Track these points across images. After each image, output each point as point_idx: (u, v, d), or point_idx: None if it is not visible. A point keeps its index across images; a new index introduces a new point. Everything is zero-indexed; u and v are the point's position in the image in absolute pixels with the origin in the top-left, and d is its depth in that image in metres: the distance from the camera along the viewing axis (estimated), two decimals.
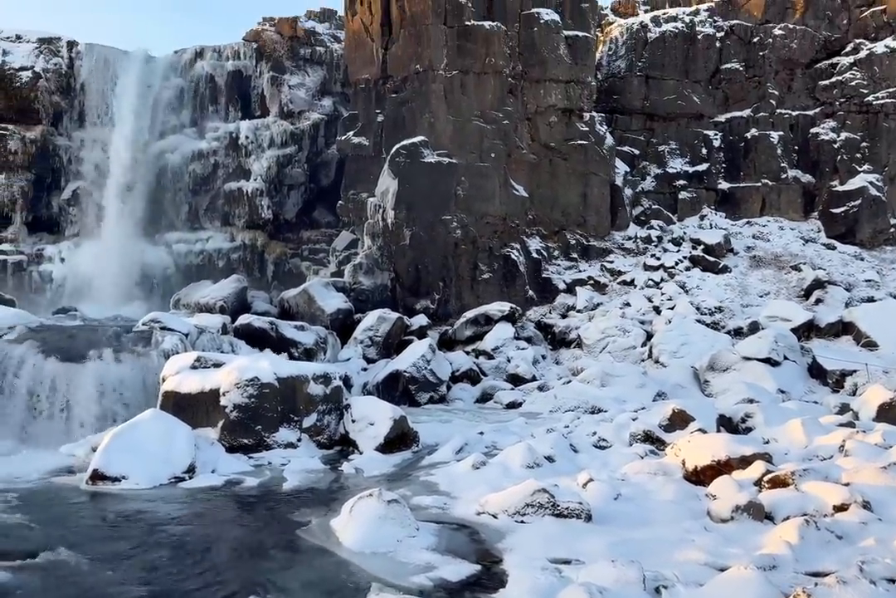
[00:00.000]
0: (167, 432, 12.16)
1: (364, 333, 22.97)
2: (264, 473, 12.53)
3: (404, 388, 20.49)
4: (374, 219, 26.90)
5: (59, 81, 29.46)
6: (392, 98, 27.59)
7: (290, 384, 14.21)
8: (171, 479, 11.65)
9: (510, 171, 27.98)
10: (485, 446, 14.14)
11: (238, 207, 30.35)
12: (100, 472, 11.37)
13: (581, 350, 24.77)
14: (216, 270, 29.58)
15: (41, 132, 29.17)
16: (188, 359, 14.62)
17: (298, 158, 30.99)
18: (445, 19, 26.70)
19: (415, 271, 26.38)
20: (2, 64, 28.68)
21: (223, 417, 13.59)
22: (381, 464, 13.22)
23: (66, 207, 29.72)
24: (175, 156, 30.34)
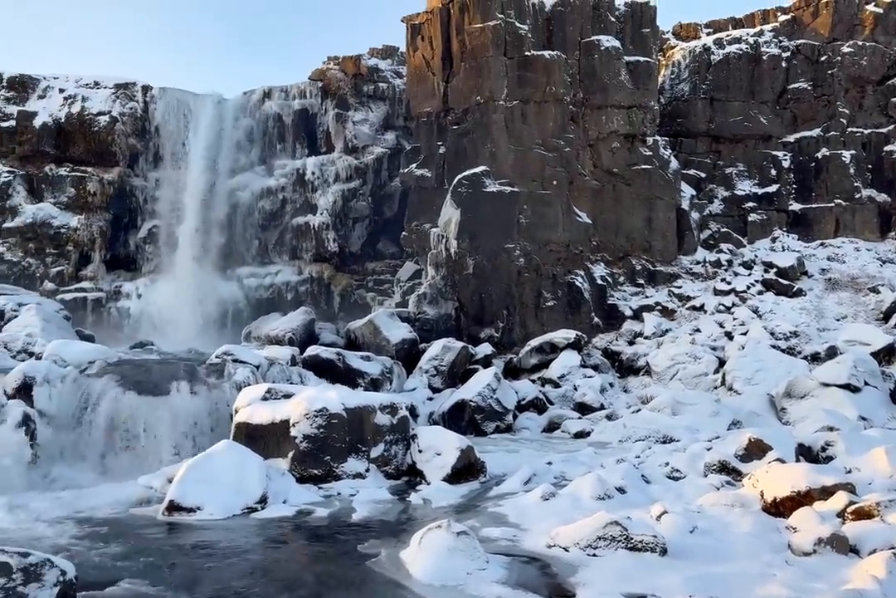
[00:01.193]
0: (240, 463, 12.37)
1: (429, 362, 23.05)
2: (334, 503, 12.60)
3: (470, 417, 20.40)
4: (438, 249, 27.14)
5: (135, 124, 30.87)
6: (453, 130, 27.97)
7: (357, 415, 14.32)
8: (245, 509, 11.82)
9: (573, 198, 27.93)
10: (553, 477, 13.92)
11: (305, 241, 31.05)
12: (176, 503, 11.63)
13: (650, 378, 24.28)
14: (285, 302, 30.22)
15: (118, 174, 30.54)
16: (259, 391, 14.91)
17: (363, 191, 31.62)
18: (505, 51, 27.06)
19: (479, 300, 26.42)
20: (81, 110, 30.25)
21: (293, 447, 13.77)
22: (448, 495, 13.15)
23: (143, 245, 30.91)
24: (245, 193, 31.32)
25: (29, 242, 29.76)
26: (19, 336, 20.28)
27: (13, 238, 29.58)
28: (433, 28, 28.55)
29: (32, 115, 30.14)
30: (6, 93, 30.47)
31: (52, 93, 30.82)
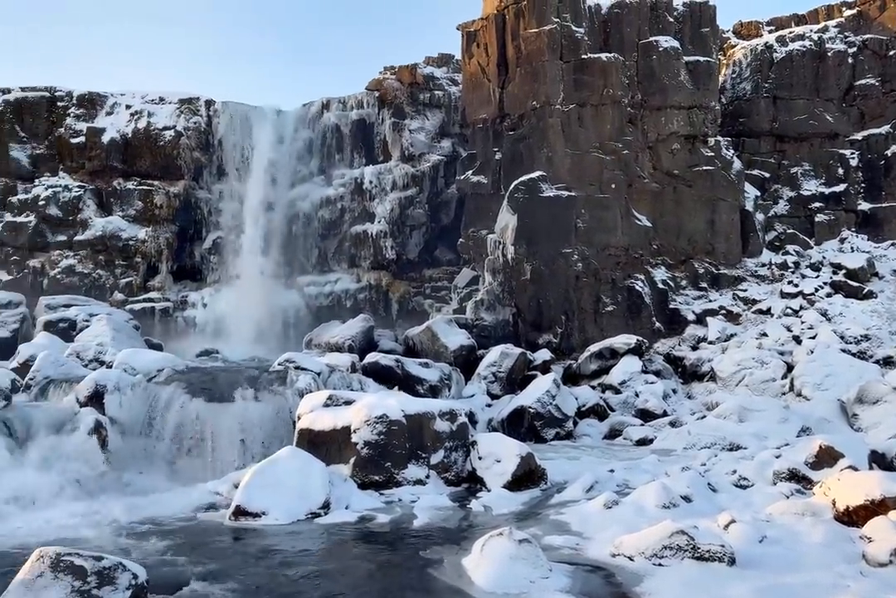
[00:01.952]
0: (303, 469, 12.54)
1: (487, 369, 23.00)
2: (395, 510, 12.67)
3: (529, 424, 20.27)
4: (495, 255, 27.11)
5: (199, 138, 31.70)
6: (509, 135, 27.94)
7: (417, 421, 14.39)
8: (308, 515, 11.98)
9: (632, 201, 27.58)
10: (616, 485, 13.72)
11: (363, 249, 31.38)
12: (242, 508, 11.86)
13: (715, 384, 23.74)
14: (344, 310, 30.55)
15: (183, 187, 31.41)
16: (321, 397, 15.10)
17: (419, 199, 31.81)
18: (561, 55, 26.93)
19: (536, 306, 26.27)
20: (147, 125, 31.23)
21: (354, 453, 13.89)
22: (509, 502, 13.09)
23: (207, 255, 31.69)
24: (305, 203, 31.84)
25: (99, 255, 30.81)
26: (91, 346, 21.02)
27: (84, 250, 30.67)
28: (488, 34, 28.61)
29: (101, 131, 31.25)
30: (76, 110, 31.66)
31: (119, 109, 31.89)
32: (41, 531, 11.37)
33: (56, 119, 31.54)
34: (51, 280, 30.15)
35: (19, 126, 31.17)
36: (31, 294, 28.05)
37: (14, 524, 11.80)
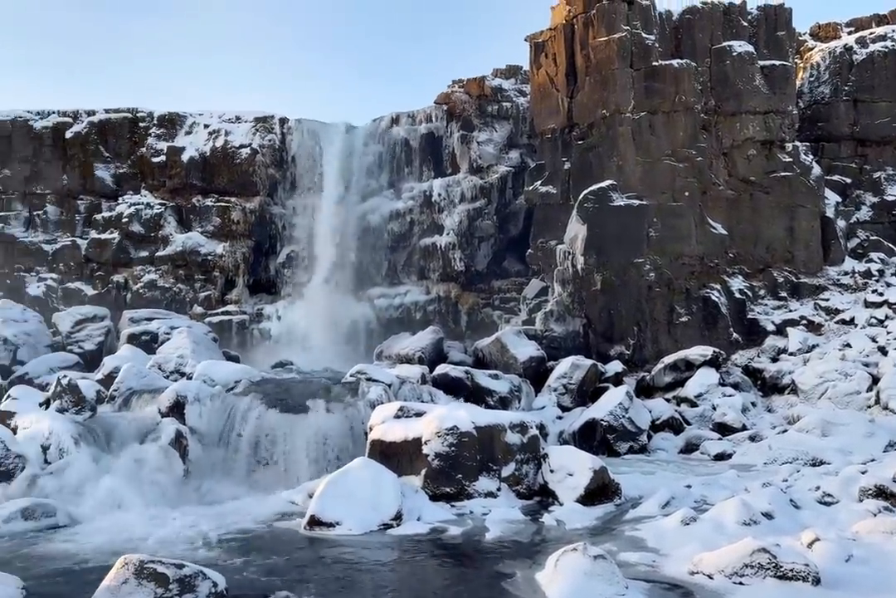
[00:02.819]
0: (376, 480, 12.66)
1: (557, 380, 22.78)
2: (466, 522, 12.64)
3: (602, 437, 19.96)
4: (564, 266, 26.89)
5: (274, 155, 32.55)
6: (578, 145, 27.75)
7: (487, 433, 14.35)
8: (381, 525, 12.08)
9: (706, 208, 26.98)
10: (693, 501, 13.38)
11: (433, 261, 31.58)
12: (316, 517, 12.04)
13: (796, 396, 22.91)
14: (414, 322, 30.76)
15: (259, 202, 32.26)
16: (392, 409, 15.22)
17: (488, 210, 31.84)
18: (632, 62, 26.65)
19: (607, 317, 25.91)
20: (224, 143, 32.24)
21: (425, 465, 13.94)
22: (582, 516, 12.91)
23: (282, 269, 32.42)
24: (375, 216, 32.28)
25: (179, 269, 31.90)
26: (172, 358, 21.72)
27: (165, 266, 31.79)
28: (557, 44, 28.55)
29: (180, 150, 32.41)
30: (157, 130, 32.93)
31: (197, 129, 33.03)
32: (124, 537, 11.77)
33: (138, 139, 32.86)
34: (134, 294, 31.35)
35: (104, 146, 32.61)
36: (115, 308, 29.21)
37: (99, 531, 12.25)
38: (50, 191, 32.44)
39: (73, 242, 32.11)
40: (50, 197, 32.50)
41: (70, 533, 12.23)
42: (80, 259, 31.96)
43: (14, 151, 32.35)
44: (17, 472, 14.35)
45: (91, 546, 11.27)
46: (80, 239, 32.22)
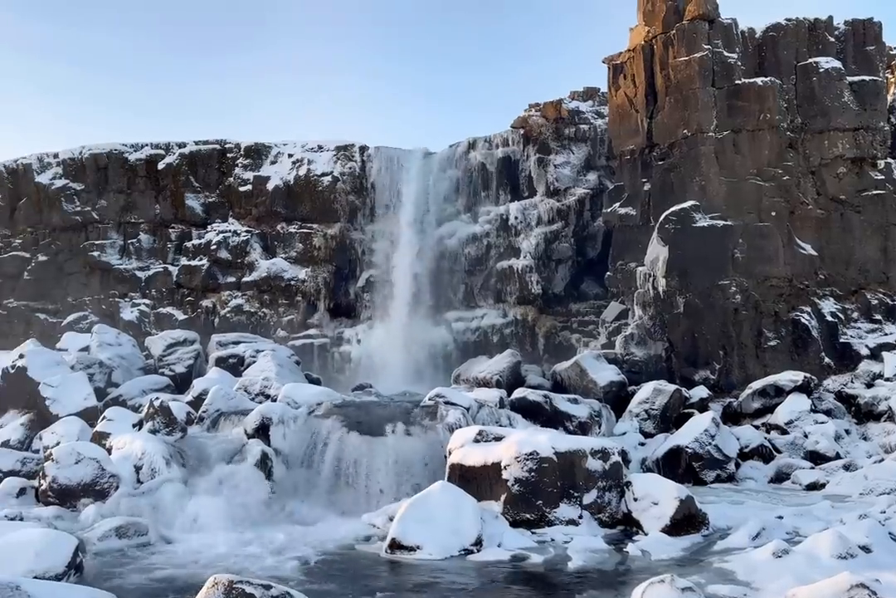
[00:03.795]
0: (455, 505, 12.63)
1: (639, 406, 22.28)
2: (548, 550, 12.46)
3: (687, 465, 19.36)
4: (645, 288, 26.43)
5: (354, 182, 33.30)
6: (658, 165, 27.39)
7: (568, 459, 14.15)
8: (461, 551, 12.02)
9: (794, 228, 26.14)
10: (785, 532, 12.85)
11: (509, 285, 31.53)
12: (397, 541, 12.08)
13: (894, 424, 21.74)
14: (491, 345, 30.70)
15: (339, 229, 33.00)
16: (471, 433, 15.20)
17: (565, 233, 31.67)
18: (713, 81, 26.26)
19: (691, 340, 25.27)
20: (307, 172, 33.20)
21: (505, 490, 13.83)
22: (668, 547, 12.55)
23: (361, 293, 32.99)
24: (452, 241, 32.54)
25: (264, 294, 32.86)
26: (257, 380, 22.31)
27: (251, 291, 32.81)
28: (636, 65, 28.39)
29: (266, 179, 33.54)
30: (244, 161, 34.18)
31: (282, 158, 34.14)
32: (213, 556, 12.07)
33: (226, 169, 34.19)
34: (221, 319, 32.41)
35: (194, 177, 34.03)
36: (204, 332, 30.25)
37: (189, 550, 12.62)
38: (143, 220, 34.02)
39: (164, 268, 33.52)
40: (143, 226, 34.07)
41: (161, 552, 12.63)
42: (172, 285, 33.30)
43: (110, 182, 34.14)
44: (111, 491, 14.95)
45: (181, 565, 11.61)
46: (171, 266, 33.61)
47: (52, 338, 29.46)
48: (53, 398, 21.55)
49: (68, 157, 34.54)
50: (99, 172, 34.22)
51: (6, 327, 33.93)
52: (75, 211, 34.04)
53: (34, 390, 21.86)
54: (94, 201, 34.08)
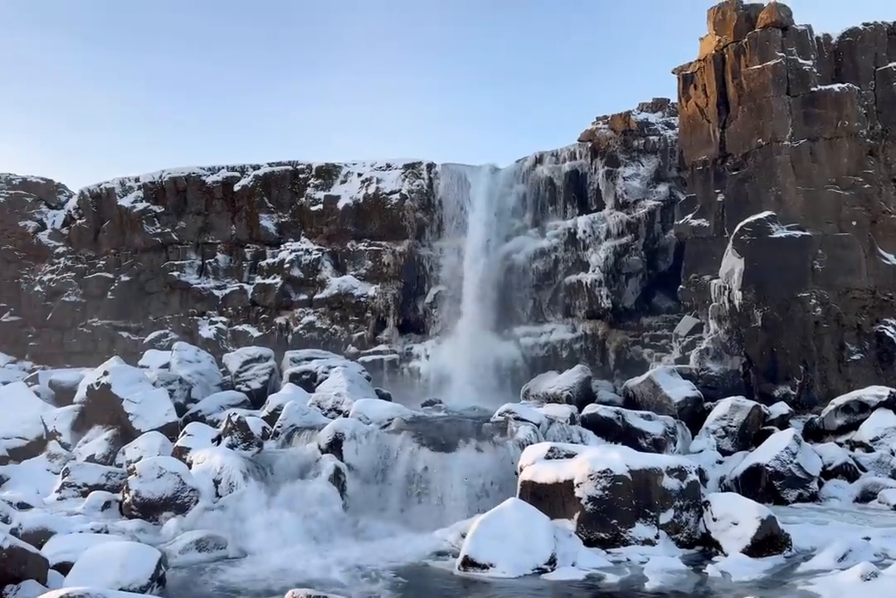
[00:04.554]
0: (528, 522, 12.51)
1: (716, 422, 21.67)
2: (624, 570, 12.22)
3: (767, 484, 18.69)
4: (720, 301, 25.80)
5: (422, 199, 33.66)
6: (732, 176, 26.81)
7: (643, 477, 13.88)
8: (535, 569, 11.89)
9: (877, 238, 25.16)
10: (873, 554, 12.31)
11: (578, 299, 31.22)
12: (470, 558, 12.03)
13: None
14: (560, 360, 30.40)
15: (408, 245, 33.37)
16: (542, 449, 15.07)
17: (635, 246, 31.24)
18: (788, 89, 25.64)
19: (770, 355, 24.50)
20: (376, 190, 33.74)
21: (578, 508, 13.64)
22: (749, 569, 12.16)
23: (430, 309, 33.20)
24: (520, 256, 32.48)
25: (335, 311, 33.45)
26: (330, 396, 22.66)
27: (322, 308, 33.45)
28: (706, 75, 27.96)
29: (336, 198, 34.23)
30: (315, 181, 34.98)
31: (351, 177, 34.79)
32: (289, 570, 12.27)
33: (298, 190, 35.04)
34: (294, 335, 33.11)
35: (267, 198, 35.00)
36: (278, 348, 30.89)
37: (265, 563, 12.85)
38: (220, 240, 35.13)
39: (240, 287, 34.49)
40: (220, 246, 35.18)
41: (239, 565, 12.91)
42: (247, 303, 34.23)
43: (189, 204, 35.43)
44: (191, 504, 15.36)
45: (259, 579, 11.83)
46: (246, 284, 34.56)
47: (135, 355, 30.58)
48: (136, 414, 22.35)
49: (149, 180, 36.01)
50: (178, 195, 35.54)
51: (91, 345, 35.44)
52: (156, 233, 35.40)
53: (118, 406, 22.71)
54: (174, 223, 35.39)
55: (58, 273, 37.08)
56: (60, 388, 27.79)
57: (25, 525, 12.89)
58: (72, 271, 36.85)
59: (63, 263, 37.19)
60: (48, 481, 19.84)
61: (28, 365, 35.40)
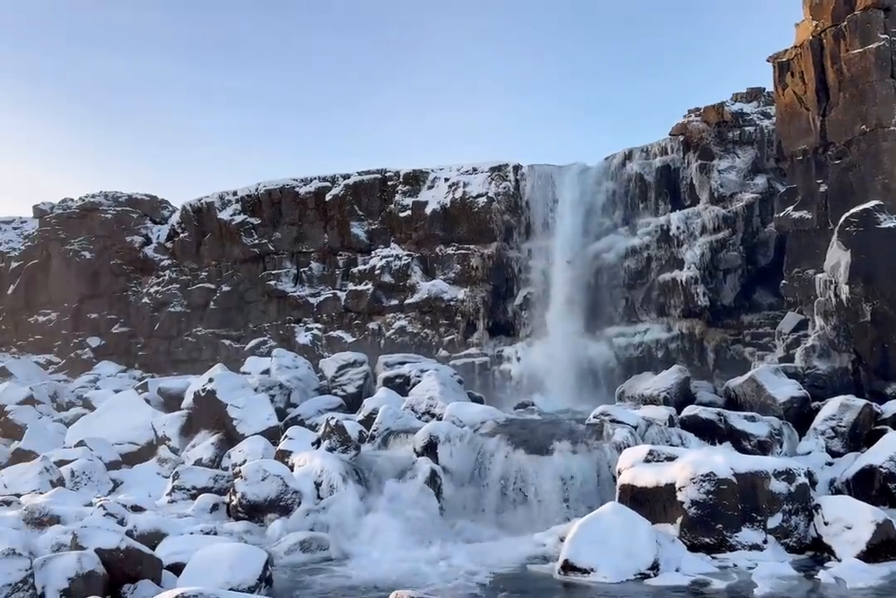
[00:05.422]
0: (628, 527, 12.28)
1: (824, 423, 20.66)
2: (731, 576, 11.85)
3: (881, 486, 17.61)
4: (826, 296, 24.62)
5: (508, 202, 33.57)
6: (835, 165, 25.58)
7: (748, 481, 13.42)
8: (637, 575, 11.66)
9: None
10: None
11: (673, 297, 30.43)
12: (570, 563, 11.90)
13: None
14: (655, 361, 29.72)
15: (496, 248, 33.34)
16: (641, 452, 14.77)
17: (732, 241, 30.19)
18: (892, 72, 24.29)
19: (881, 351, 23.18)
20: (463, 194, 33.89)
21: (681, 513, 13.30)
22: (864, 574, 11.60)
23: (519, 311, 33.06)
24: (610, 255, 31.92)
25: (425, 315, 33.79)
26: (423, 399, 22.86)
27: (413, 312, 33.86)
28: (804, 62, 26.81)
29: (424, 204, 34.59)
30: (403, 187, 35.45)
31: (438, 183, 35.09)
32: (390, 572, 12.43)
33: (387, 197, 35.60)
34: (386, 340, 33.63)
35: (357, 206, 35.71)
36: (371, 353, 31.35)
37: (367, 565, 13.07)
38: (314, 249, 36.10)
39: (333, 294, 35.32)
40: (314, 255, 36.15)
41: (342, 566, 13.18)
42: (340, 309, 35.01)
43: (283, 215, 36.59)
44: (294, 506, 15.81)
45: (362, 580, 12.05)
46: (339, 291, 35.36)
47: (237, 362, 31.74)
48: (240, 419, 23.18)
49: (246, 194, 37.40)
50: (273, 207, 36.76)
51: (196, 353, 37.03)
52: (253, 244, 36.70)
53: (222, 412, 23.61)
54: (270, 234, 36.60)
55: (163, 285, 38.92)
56: (168, 395, 29.13)
57: (140, 527, 13.49)
58: (176, 283, 38.60)
59: (168, 276, 39.01)
60: (159, 484, 20.79)
61: (138, 373, 37.33)
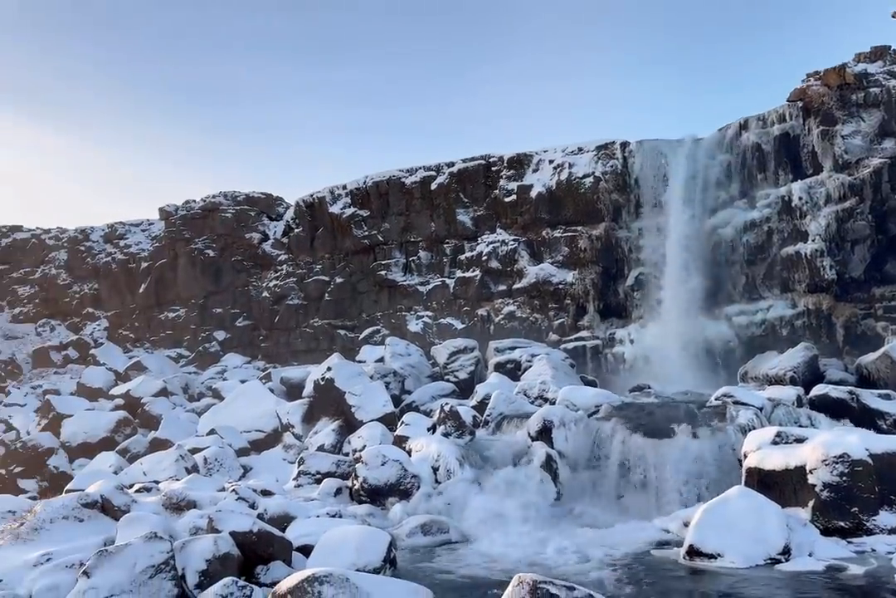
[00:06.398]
0: (756, 511, 11.81)
1: None
2: (869, 561, 11.21)
3: None
4: None
5: (616, 180, 32.71)
6: None
7: (886, 462, 12.64)
8: (767, 560, 11.22)
9: None
10: None
11: (797, 272, 28.89)
12: (696, 548, 11.57)
13: None
14: (779, 339, 28.33)
15: (604, 229, 32.59)
16: (768, 434, 14.17)
17: (860, 209, 28.30)
18: None
19: None
20: (568, 176, 33.28)
21: (813, 496, 12.68)
22: None
23: (631, 292, 32.25)
24: (727, 230, 30.59)
25: (534, 300, 33.54)
26: (535, 384, 22.78)
27: (521, 297, 33.67)
28: None
29: (529, 187, 34.24)
30: (507, 172, 35.20)
31: (543, 165, 34.63)
32: (509, 555, 12.48)
33: (491, 183, 35.49)
34: (496, 326, 33.64)
35: (462, 193, 35.80)
36: (481, 339, 31.54)
37: (486, 548, 13.17)
38: (421, 238, 36.52)
39: (442, 282, 35.63)
40: (422, 244, 36.58)
41: (463, 549, 13.34)
42: (449, 297, 35.30)
43: (391, 206, 37.19)
44: (413, 490, 16.12)
45: (483, 563, 12.16)
46: (447, 279, 35.64)
47: (352, 351, 32.64)
48: (358, 406, 23.85)
49: (354, 187, 38.24)
50: (381, 199, 37.42)
51: (313, 343, 38.33)
52: (363, 235, 37.52)
53: (341, 399, 24.36)
54: (379, 225, 37.30)
55: (281, 279, 40.41)
56: (290, 384, 30.34)
57: (270, 511, 14.09)
58: (293, 277, 40.00)
59: (285, 270, 40.46)
60: (285, 469, 21.69)
61: (261, 364, 39.02)
